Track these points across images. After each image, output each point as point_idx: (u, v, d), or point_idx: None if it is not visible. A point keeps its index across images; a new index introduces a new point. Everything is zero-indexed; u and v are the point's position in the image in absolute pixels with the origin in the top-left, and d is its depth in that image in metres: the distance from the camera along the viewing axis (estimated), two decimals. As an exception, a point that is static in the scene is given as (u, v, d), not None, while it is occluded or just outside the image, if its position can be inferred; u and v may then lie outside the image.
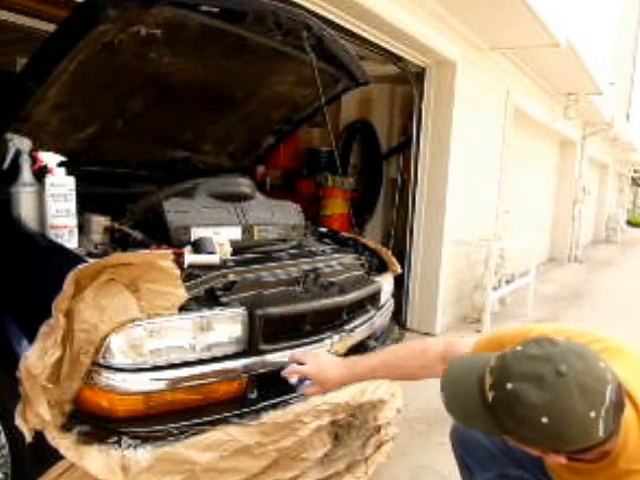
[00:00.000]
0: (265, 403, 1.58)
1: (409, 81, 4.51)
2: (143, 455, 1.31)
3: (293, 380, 1.46)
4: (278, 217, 2.13)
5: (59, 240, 1.62)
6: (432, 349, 1.36)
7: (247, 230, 1.98)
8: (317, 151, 5.84)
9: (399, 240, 5.28)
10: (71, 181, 1.66)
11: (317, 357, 1.48)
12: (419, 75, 4.45)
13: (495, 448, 1.57)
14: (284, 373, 1.47)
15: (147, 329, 1.38)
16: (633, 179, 23.86)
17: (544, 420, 0.89)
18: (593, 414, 0.88)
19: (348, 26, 3.32)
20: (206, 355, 1.50)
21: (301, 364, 1.46)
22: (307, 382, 1.45)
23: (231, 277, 1.64)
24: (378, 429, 2.02)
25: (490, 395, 0.97)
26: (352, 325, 1.91)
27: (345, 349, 1.85)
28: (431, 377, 1.29)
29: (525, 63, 5.70)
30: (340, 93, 2.72)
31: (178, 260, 1.52)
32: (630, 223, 21.26)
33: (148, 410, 1.41)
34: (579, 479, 1.12)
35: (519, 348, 0.98)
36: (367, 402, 1.88)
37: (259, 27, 1.98)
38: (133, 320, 1.34)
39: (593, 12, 8.75)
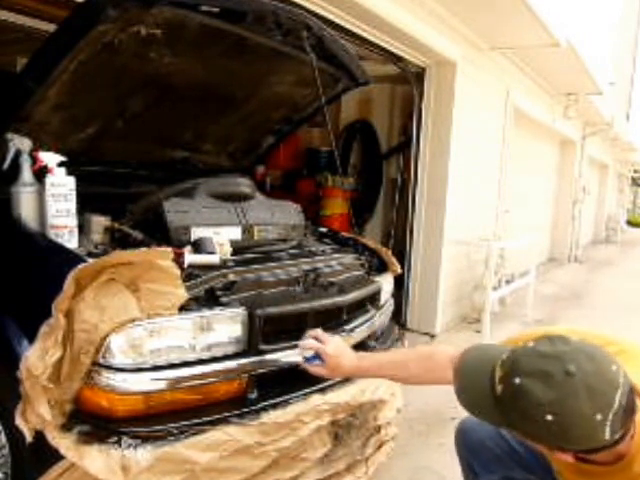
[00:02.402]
0: (265, 403, 1.58)
1: (409, 81, 4.51)
2: (143, 455, 1.31)
3: (307, 354, 1.44)
4: (278, 217, 2.13)
5: (59, 240, 1.62)
6: (440, 353, 1.34)
7: (247, 230, 1.98)
8: (317, 151, 5.83)
9: (399, 240, 5.28)
10: (71, 181, 1.66)
11: (336, 342, 1.46)
12: (419, 75, 4.45)
13: (501, 450, 1.57)
14: (302, 344, 1.45)
15: (147, 329, 1.38)
16: (633, 179, 23.86)
17: (548, 418, 0.89)
18: (600, 417, 0.88)
19: (348, 26, 3.32)
20: (206, 355, 1.50)
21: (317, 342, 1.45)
22: (317, 361, 1.43)
23: (231, 277, 1.64)
24: (378, 429, 2.02)
25: (499, 388, 0.98)
26: (352, 325, 1.91)
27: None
28: (437, 382, 1.27)
29: (525, 63, 5.70)
30: (340, 93, 2.72)
31: (178, 260, 1.52)
32: (630, 223, 21.24)
33: (148, 410, 1.42)
34: None
35: (531, 344, 0.99)
36: (367, 402, 1.88)
37: (259, 27, 1.98)
38: (133, 320, 1.35)
39: (593, 12, 8.75)
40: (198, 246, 1.71)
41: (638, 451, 0.99)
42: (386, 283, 2.29)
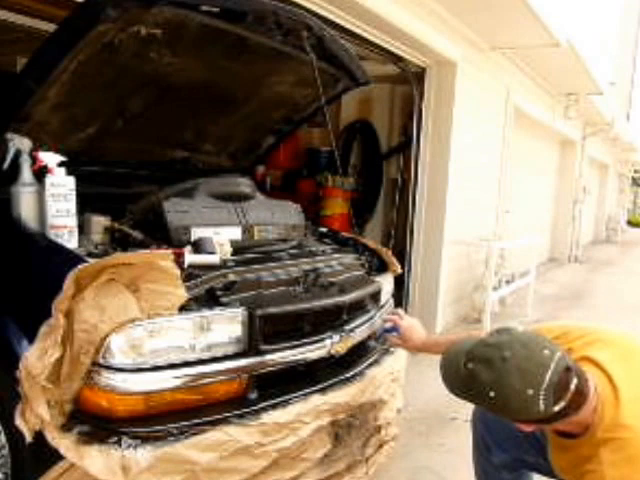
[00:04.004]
0: (265, 403, 1.58)
1: (409, 81, 4.51)
2: (143, 455, 1.31)
3: (387, 325, 1.88)
4: (278, 217, 2.13)
5: (59, 240, 1.61)
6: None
7: (247, 230, 1.98)
8: (317, 151, 5.83)
9: (399, 240, 5.28)
10: (71, 181, 1.66)
11: (411, 319, 1.88)
12: (419, 75, 4.45)
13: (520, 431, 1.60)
14: (386, 317, 1.94)
15: (147, 329, 1.38)
16: (633, 179, 23.83)
17: (492, 394, 1.12)
18: (531, 392, 1.08)
19: (348, 26, 3.32)
20: (206, 355, 1.50)
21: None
22: (395, 333, 1.84)
23: (231, 277, 1.64)
24: (378, 429, 2.01)
25: (462, 372, 1.19)
26: (352, 325, 1.91)
27: (345, 349, 1.84)
28: None
29: (525, 63, 5.70)
30: (340, 93, 2.72)
31: (178, 260, 1.51)
32: (630, 223, 21.25)
33: (148, 410, 1.41)
34: (569, 456, 1.26)
35: (484, 336, 1.23)
36: (367, 402, 1.88)
37: (259, 27, 1.98)
38: (133, 320, 1.34)
39: (593, 12, 8.75)
40: (198, 246, 1.70)
41: (600, 420, 1.17)
42: (386, 283, 2.28)
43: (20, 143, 1.75)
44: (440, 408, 3.01)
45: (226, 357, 1.54)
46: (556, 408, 1.09)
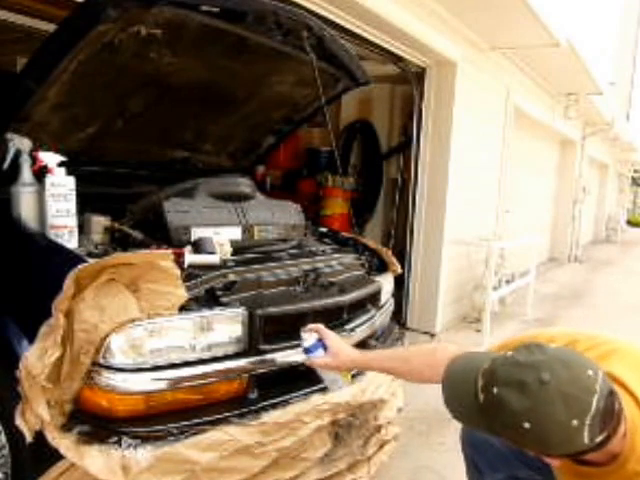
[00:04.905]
0: (265, 403, 1.58)
1: (409, 81, 4.51)
2: (143, 455, 1.31)
3: (309, 342, 1.45)
4: (278, 217, 2.13)
5: (59, 240, 1.62)
6: (443, 350, 1.31)
7: (247, 230, 1.98)
8: (317, 151, 5.83)
9: (399, 240, 5.28)
10: (71, 181, 1.66)
11: (334, 333, 1.50)
12: (419, 75, 4.45)
13: (507, 449, 1.55)
14: (308, 328, 1.47)
15: (147, 329, 1.38)
16: (633, 179, 23.84)
17: (526, 426, 0.91)
18: (576, 422, 0.88)
19: (348, 26, 3.32)
20: (206, 355, 1.50)
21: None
22: (320, 350, 1.44)
23: (231, 277, 1.64)
24: (378, 429, 2.01)
25: (481, 397, 0.99)
26: (352, 325, 1.91)
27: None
28: (437, 380, 1.23)
29: (525, 63, 5.70)
30: (340, 93, 2.73)
31: (178, 260, 1.52)
32: (630, 223, 21.26)
33: (148, 410, 1.42)
34: None
35: (509, 353, 1.00)
36: (367, 402, 1.87)
37: (259, 27, 1.98)
38: (133, 320, 1.35)
39: (593, 12, 8.75)
40: (198, 246, 1.71)
41: (631, 449, 0.99)
42: (386, 283, 2.29)
43: (20, 143, 1.76)
44: (440, 407, 2.98)
45: (226, 357, 1.54)
46: (599, 439, 0.90)
